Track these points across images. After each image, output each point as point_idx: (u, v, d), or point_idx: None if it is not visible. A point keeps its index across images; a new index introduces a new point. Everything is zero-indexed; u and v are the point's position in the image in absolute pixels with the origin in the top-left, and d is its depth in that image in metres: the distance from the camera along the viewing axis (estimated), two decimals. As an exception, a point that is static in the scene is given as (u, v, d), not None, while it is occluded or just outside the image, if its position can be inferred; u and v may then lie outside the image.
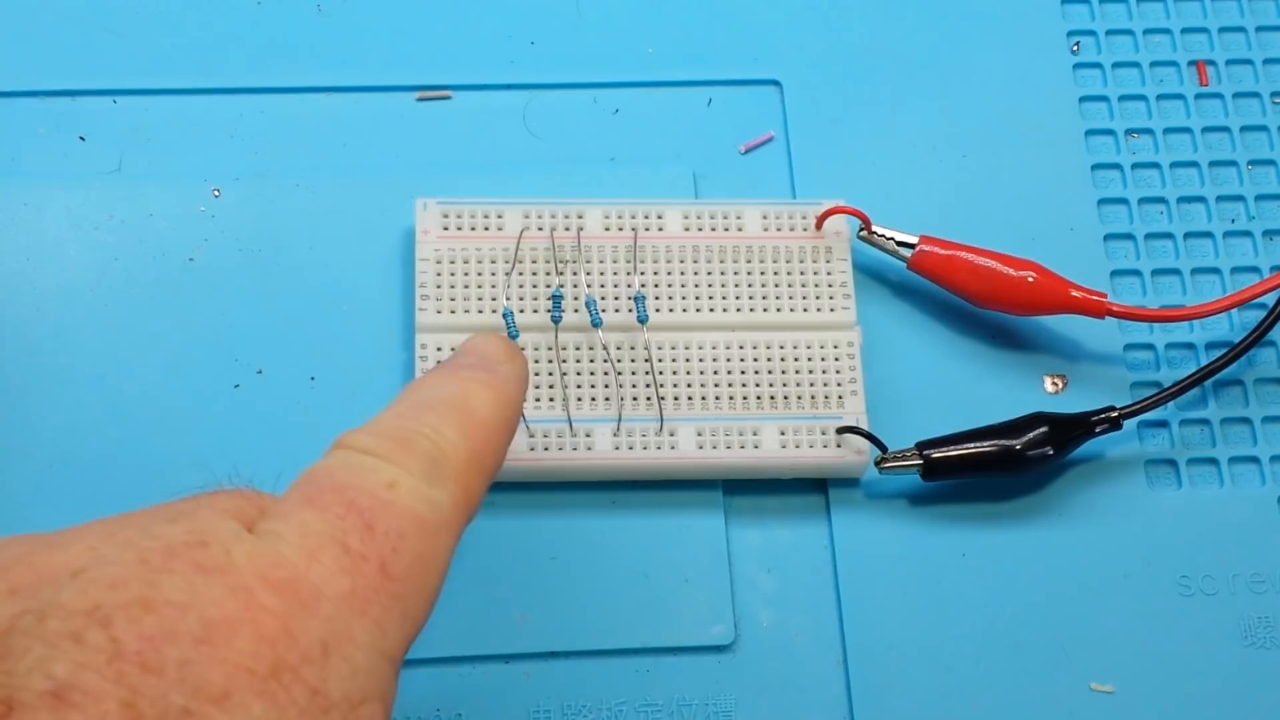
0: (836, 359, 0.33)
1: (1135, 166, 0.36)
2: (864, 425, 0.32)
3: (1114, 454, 0.33)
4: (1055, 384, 0.34)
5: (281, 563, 0.20)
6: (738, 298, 0.33)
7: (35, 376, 0.32)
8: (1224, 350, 0.33)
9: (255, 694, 0.19)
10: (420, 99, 0.36)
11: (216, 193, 0.34)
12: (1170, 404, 0.33)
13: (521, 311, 0.32)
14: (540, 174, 0.35)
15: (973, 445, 0.32)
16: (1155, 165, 0.36)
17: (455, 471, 0.23)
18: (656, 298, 0.33)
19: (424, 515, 0.22)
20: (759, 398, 0.32)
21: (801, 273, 0.33)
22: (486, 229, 0.33)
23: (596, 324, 0.32)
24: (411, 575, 0.21)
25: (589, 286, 0.33)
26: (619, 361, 0.32)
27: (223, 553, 0.20)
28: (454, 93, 0.36)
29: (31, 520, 0.30)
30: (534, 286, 0.33)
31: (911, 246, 0.34)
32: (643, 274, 0.33)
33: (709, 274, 0.33)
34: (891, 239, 0.34)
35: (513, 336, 0.32)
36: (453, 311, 0.32)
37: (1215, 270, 0.35)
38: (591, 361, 0.32)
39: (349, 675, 0.20)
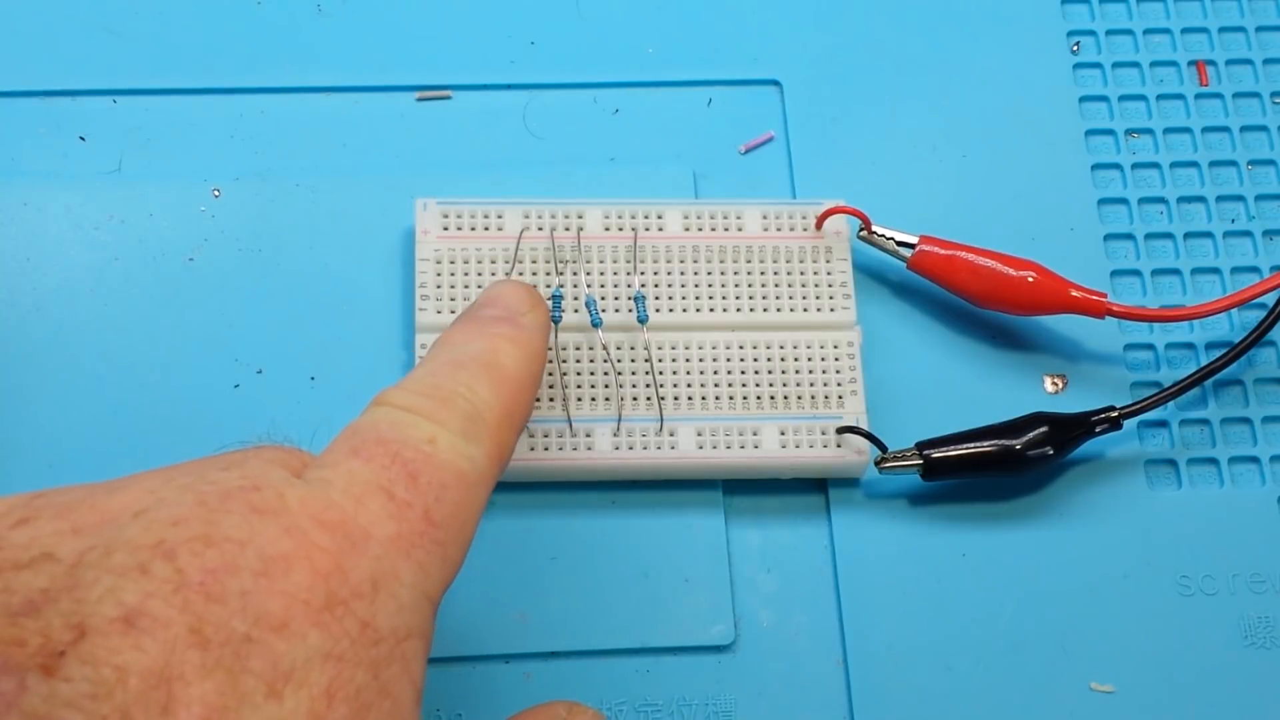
0: (836, 359, 0.33)
1: (1135, 166, 0.36)
2: (864, 425, 0.32)
3: (1114, 454, 0.33)
4: (1055, 384, 0.34)
5: (331, 506, 0.22)
6: (738, 298, 0.33)
7: (35, 376, 0.32)
8: (1224, 350, 0.33)
9: (311, 624, 0.20)
10: (420, 99, 0.36)
11: (216, 193, 0.34)
12: (1170, 404, 0.33)
13: (521, 311, 0.32)
14: (540, 174, 0.35)
15: (973, 445, 0.32)
16: (1155, 165, 0.36)
17: (489, 429, 0.24)
18: (656, 298, 0.33)
19: (463, 469, 0.23)
20: (759, 398, 0.32)
21: (801, 273, 0.33)
22: (486, 229, 0.33)
23: (596, 324, 0.32)
24: (451, 523, 0.23)
25: (589, 286, 0.33)
26: (619, 361, 0.32)
27: (275, 496, 0.21)
28: (454, 93, 0.36)
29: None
30: (534, 287, 0.33)
31: (911, 246, 0.34)
32: (643, 274, 0.33)
33: (709, 274, 0.33)
34: (891, 239, 0.34)
35: (513, 336, 0.32)
36: (453, 311, 0.32)
37: (1215, 270, 0.35)
38: (591, 361, 0.32)
39: (395, 611, 0.21)
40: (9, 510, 0.21)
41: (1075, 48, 0.37)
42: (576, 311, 0.32)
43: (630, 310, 0.33)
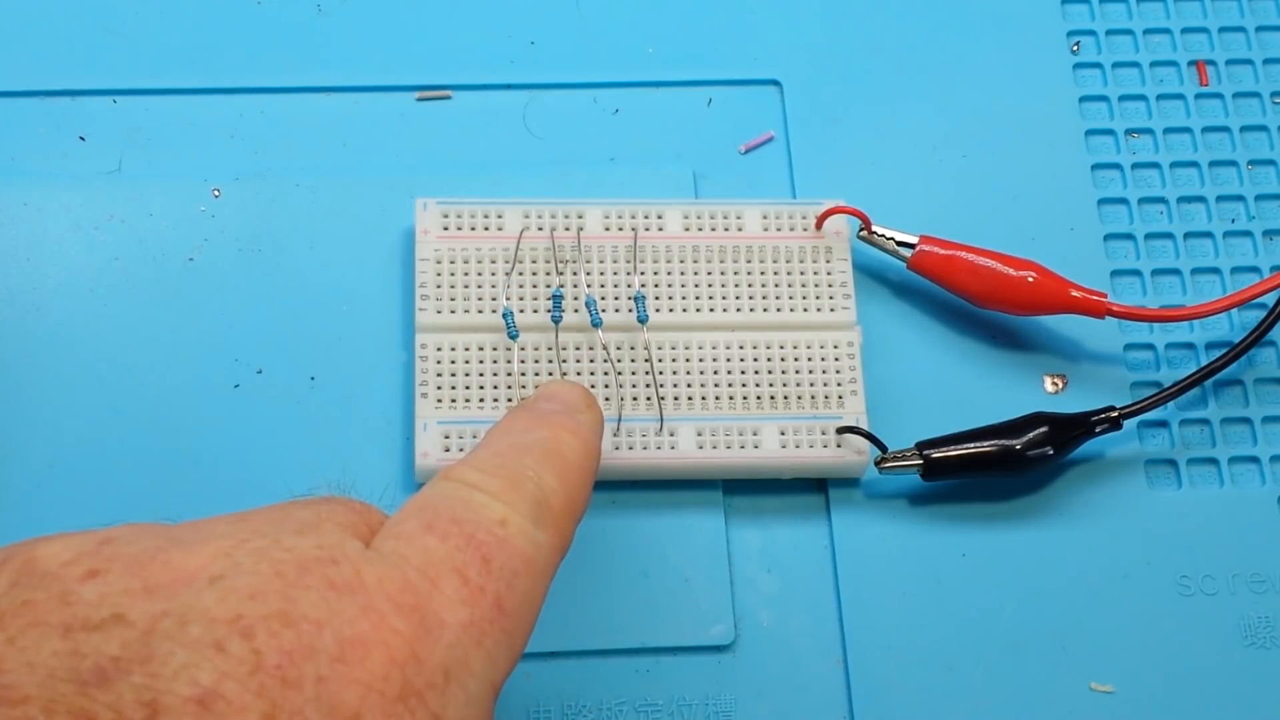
0: (836, 359, 0.33)
1: (1135, 166, 0.36)
2: (864, 425, 0.32)
3: (1114, 454, 0.33)
4: (1055, 384, 0.34)
5: (408, 587, 0.21)
6: (738, 298, 0.33)
7: (35, 376, 0.32)
8: (1224, 350, 0.33)
9: (384, 716, 0.20)
10: (420, 99, 0.36)
11: (216, 193, 0.34)
12: (1170, 404, 0.33)
13: (521, 311, 0.32)
14: (540, 174, 0.35)
15: (973, 445, 0.32)
16: (1155, 165, 0.36)
17: (555, 515, 0.24)
18: (656, 298, 0.33)
19: (531, 556, 0.23)
20: (759, 398, 0.32)
21: (801, 273, 0.33)
22: (486, 229, 0.33)
23: (596, 324, 0.32)
24: (520, 611, 0.22)
25: (589, 286, 0.33)
26: (619, 361, 0.32)
27: (353, 571, 0.21)
28: (454, 93, 0.36)
29: (31, 520, 0.31)
30: (534, 286, 0.33)
31: (911, 246, 0.34)
32: (643, 274, 0.33)
33: (709, 274, 0.33)
34: (891, 239, 0.34)
35: (512, 337, 0.32)
36: (453, 311, 0.32)
37: (1215, 270, 0.35)
38: (591, 361, 0.32)
39: (465, 702, 0.21)
40: (77, 558, 0.20)
41: (1075, 48, 0.37)
42: (576, 311, 0.32)
43: (630, 310, 0.33)
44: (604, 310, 0.32)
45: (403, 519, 0.23)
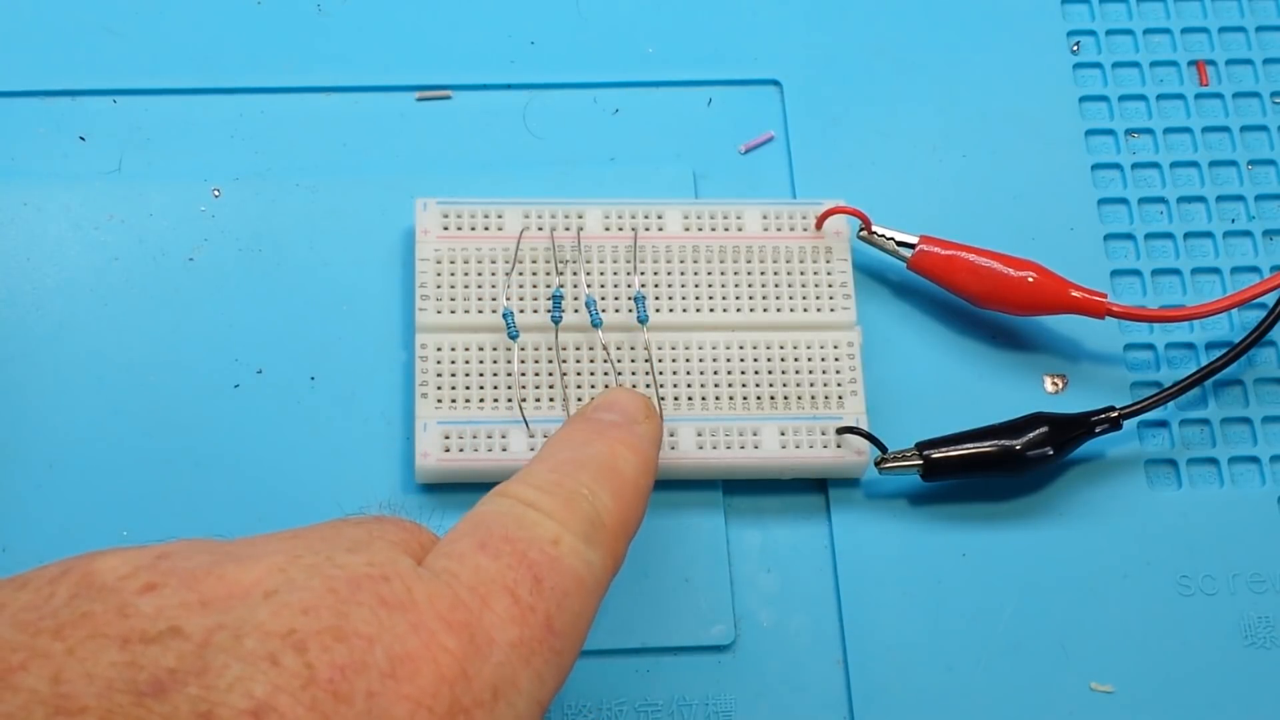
0: (836, 359, 0.33)
1: (1135, 166, 0.36)
2: (864, 425, 0.32)
3: (1114, 454, 0.33)
4: (1055, 384, 0.34)
5: (458, 604, 0.21)
6: (738, 298, 0.33)
7: (35, 376, 0.32)
8: (1224, 350, 0.33)
9: None
10: (420, 99, 0.36)
11: (216, 193, 0.34)
12: (1170, 404, 0.33)
13: (521, 311, 0.32)
14: (540, 174, 0.35)
15: (973, 445, 0.32)
16: (1155, 165, 0.36)
17: (608, 534, 0.24)
18: (656, 298, 0.33)
19: (582, 575, 0.23)
20: (759, 398, 0.32)
21: (801, 273, 0.33)
22: (486, 229, 0.33)
23: (596, 324, 0.32)
24: (570, 632, 0.23)
25: (589, 286, 0.33)
26: (619, 361, 0.32)
27: (404, 589, 0.21)
28: (454, 93, 0.36)
29: (31, 520, 0.31)
30: (534, 286, 0.33)
31: (911, 246, 0.34)
32: (643, 274, 0.33)
33: (709, 274, 0.33)
34: (891, 239, 0.34)
35: (512, 337, 0.32)
36: (453, 311, 0.32)
37: (1215, 270, 0.35)
38: (591, 361, 0.32)
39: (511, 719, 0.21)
40: (134, 572, 0.21)
41: (1075, 48, 0.37)
42: (576, 311, 0.32)
43: (630, 310, 0.33)
44: (604, 310, 0.32)
45: (455, 537, 0.23)
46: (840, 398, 0.32)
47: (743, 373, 0.32)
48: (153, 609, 0.20)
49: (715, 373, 0.32)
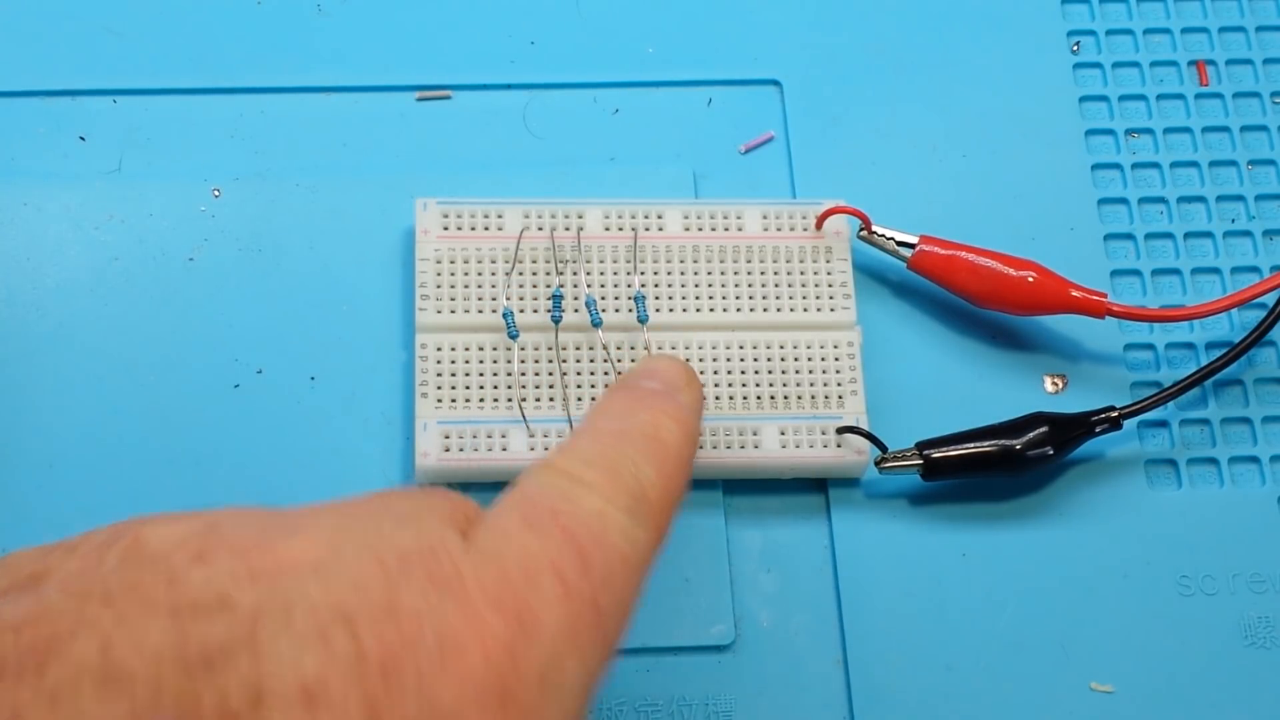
0: (836, 359, 0.33)
1: (1135, 166, 0.36)
2: (864, 425, 0.32)
3: (1114, 454, 0.33)
4: (1055, 384, 0.34)
5: (506, 585, 0.21)
6: (738, 298, 0.33)
7: (35, 376, 0.32)
8: (1224, 350, 0.33)
9: (479, 713, 0.20)
10: (420, 99, 0.36)
11: (216, 193, 0.34)
12: (1170, 404, 0.33)
13: (521, 311, 0.32)
14: (540, 174, 0.35)
15: (973, 445, 0.32)
16: (1155, 165, 0.36)
17: (653, 509, 0.24)
18: (656, 298, 0.33)
19: (628, 554, 0.23)
20: (759, 398, 0.32)
21: (801, 273, 0.33)
22: (486, 229, 0.33)
23: (596, 324, 0.32)
24: (614, 612, 0.22)
25: (589, 286, 0.33)
26: (619, 361, 0.32)
27: (452, 566, 0.21)
28: (454, 93, 0.36)
29: (31, 520, 0.31)
30: (534, 286, 0.33)
31: (911, 246, 0.34)
32: (643, 274, 0.33)
33: (709, 274, 0.33)
34: (891, 239, 0.34)
35: (512, 337, 0.32)
36: (453, 311, 0.32)
37: (1215, 270, 0.35)
38: (591, 361, 0.32)
39: (557, 704, 0.21)
40: (184, 540, 0.20)
41: (1075, 48, 0.37)
42: (576, 311, 0.32)
43: (630, 310, 0.33)
44: (604, 310, 0.32)
45: (501, 512, 0.23)
46: (840, 397, 0.32)
47: (743, 373, 0.32)
48: (202, 579, 0.20)
49: (715, 372, 0.32)
